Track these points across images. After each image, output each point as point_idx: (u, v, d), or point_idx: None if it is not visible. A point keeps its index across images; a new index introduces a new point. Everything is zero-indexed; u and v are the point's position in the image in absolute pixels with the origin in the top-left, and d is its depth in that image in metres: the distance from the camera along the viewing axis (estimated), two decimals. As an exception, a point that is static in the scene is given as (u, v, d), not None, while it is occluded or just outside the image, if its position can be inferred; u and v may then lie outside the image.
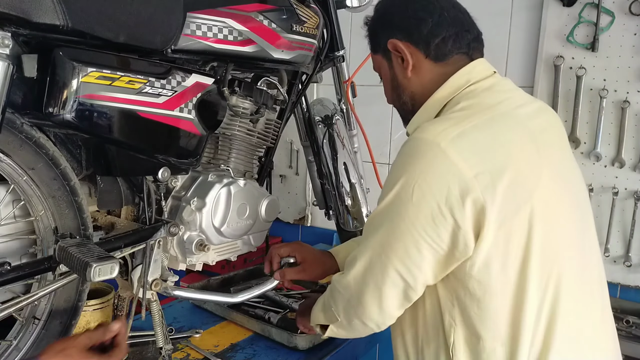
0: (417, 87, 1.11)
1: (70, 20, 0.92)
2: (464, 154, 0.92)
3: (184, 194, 1.32)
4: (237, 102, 1.35)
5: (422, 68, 1.09)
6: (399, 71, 1.12)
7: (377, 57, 1.18)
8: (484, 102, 1.02)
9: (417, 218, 0.93)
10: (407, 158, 0.97)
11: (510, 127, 0.99)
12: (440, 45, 1.07)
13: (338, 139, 1.74)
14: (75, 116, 0.99)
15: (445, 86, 1.07)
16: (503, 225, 0.92)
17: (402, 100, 1.14)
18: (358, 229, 1.80)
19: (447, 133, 0.94)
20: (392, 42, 1.10)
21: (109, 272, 0.96)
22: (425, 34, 1.07)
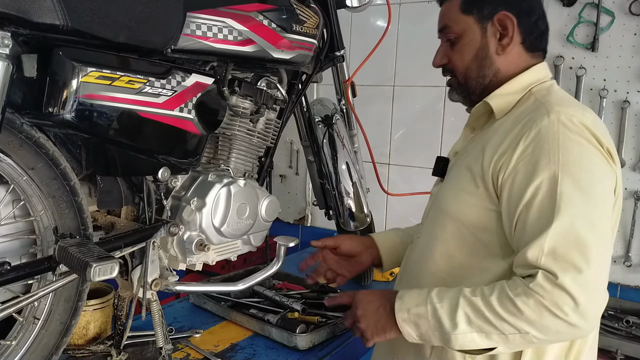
0: (503, 66, 1.15)
1: (70, 20, 0.92)
2: (605, 140, 1.03)
3: (184, 194, 1.32)
4: (237, 102, 1.35)
5: (513, 50, 1.14)
6: (492, 44, 1.14)
7: (467, 19, 1.15)
8: (574, 100, 1.14)
9: (604, 189, 1.02)
10: (564, 141, 1.00)
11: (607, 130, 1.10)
12: (537, 38, 1.16)
13: (338, 139, 1.74)
14: (75, 116, 0.98)
15: (529, 74, 1.14)
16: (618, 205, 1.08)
17: (483, 72, 1.16)
18: (358, 229, 1.81)
19: (586, 118, 1.02)
20: (504, 15, 1.12)
21: (109, 272, 0.96)
22: (532, 23, 1.14)
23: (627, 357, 1.85)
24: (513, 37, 1.12)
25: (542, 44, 1.17)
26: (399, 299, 1.09)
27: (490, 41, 1.14)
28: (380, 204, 2.52)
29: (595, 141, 1.01)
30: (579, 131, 1.00)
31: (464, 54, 1.17)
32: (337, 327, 1.55)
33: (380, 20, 2.51)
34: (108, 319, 1.48)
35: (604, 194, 1.01)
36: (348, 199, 1.77)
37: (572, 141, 1.00)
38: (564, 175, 0.98)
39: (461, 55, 1.17)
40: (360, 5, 1.72)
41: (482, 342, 1.00)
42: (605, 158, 1.02)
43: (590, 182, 0.99)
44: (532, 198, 1.00)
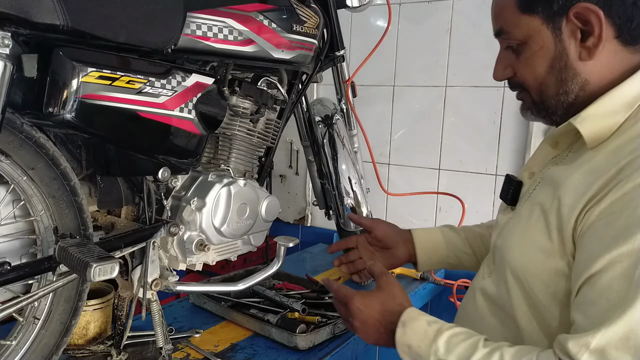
0: (594, 75, 0.85)
1: (70, 20, 0.92)
2: None
3: (184, 194, 1.32)
4: (237, 102, 1.35)
5: (605, 50, 0.84)
6: (572, 49, 0.85)
7: (532, 20, 0.87)
8: None
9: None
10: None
11: None
12: (638, 26, 0.82)
13: (338, 139, 1.74)
14: (75, 116, 0.98)
15: (636, 81, 0.83)
16: None
17: (565, 88, 0.87)
18: (358, 229, 1.81)
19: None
20: (585, 8, 0.82)
21: (109, 272, 0.96)
22: (629, 7, 0.81)
23: (627, 357, 1.84)
24: (602, 34, 0.82)
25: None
26: (401, 327, 0.92)
27: (569, 45, 0.85)
28: (380, 204, 2.52)
29: None
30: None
31: (534, 66, 0.89)
32: (337, 327, 1.55)
33: (380, 20, 2.51)
34: (108, 319, 1.48)
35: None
36: (348, 199, 1.77)
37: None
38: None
39: (531, 68, 0.90)
40: (361, 5, 1.72)
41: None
42: None
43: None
44: (601, 272, 0.75)
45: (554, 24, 0.85)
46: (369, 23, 2.51)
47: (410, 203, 2.46)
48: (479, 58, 2.20)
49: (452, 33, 2.30)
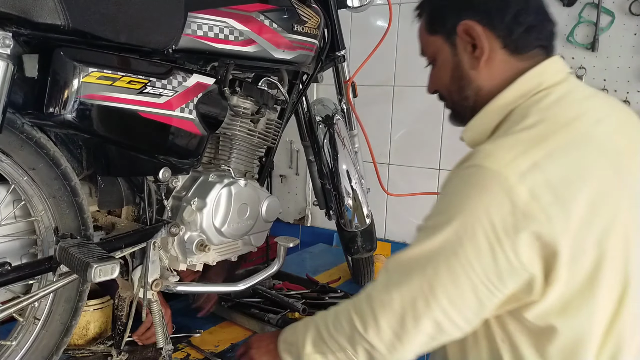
0: (485, 81, 0.95)
1: (71, 20, 0.92)
2: (536, 192, 0.79)
3: (184, 194, 1.32)
4: (238, 102, 1.35)
5: (495, 59, 0.93)
6: (465, 60, 0.96)
7: (436, 39, 1.00)
8: (557, 118, 0.87)
9: (479, 261, 0.81)
10: (467, 190, 0.83)
11: (588, 153, 0.86)
12: (523, 35, 0.92)
13: (338, 139, 1.74)
14: (76, 116, 0.98)
15: (512, 88, 0.92)
16: (572, 267, 0.82)
17: (464, 94, 0.98)
18: (358, 229, 1.80)
19: (517, 164, 0.80)
20: (466, 25, 0.93)
21: (110, 272, 0.96)
22: (509, 21, 0.92)
23: (627, 357, 1.84)
24: (485, 45, 0.92)
25: (535, 40, 0.93)
26: (282, 333, 1.09)
27: (464, 58, 0.96)
28: (380, 204, 2.52)
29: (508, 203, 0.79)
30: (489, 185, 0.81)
31: (441, 77, 1.01)
32: (338, 327, 1.55)
33: (381, 20, 2.50)
34: (108, 319, 1.48)
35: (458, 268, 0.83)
36: (348, 199, 1.77)
37: (478, 200, 0.82)
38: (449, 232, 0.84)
39: (440, 80, 1.02)
40: (361, 5, 1.71)
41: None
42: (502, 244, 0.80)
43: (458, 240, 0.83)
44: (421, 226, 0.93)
45: (451, 41, 0.97)
46: (369, 23, 2.51)
47: (410, 203, 2.45)
48: (479, 58, 2.19)
49: (452, 33, 2.29)
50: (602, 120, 0.91)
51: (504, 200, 0.79)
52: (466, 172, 0.85)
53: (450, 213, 0.84)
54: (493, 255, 0.80)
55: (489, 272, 0.82)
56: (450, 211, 0.85)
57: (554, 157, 0.82)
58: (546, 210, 0.79)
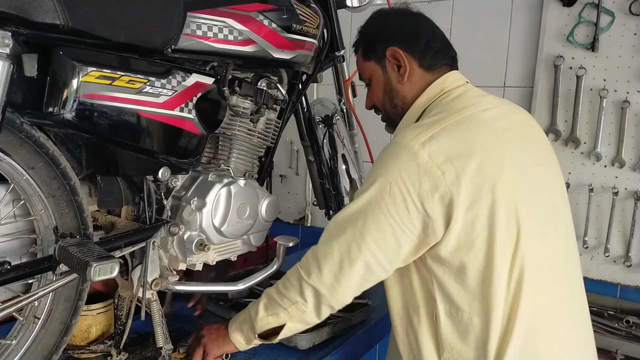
0: (408, 91, 1.28)
1: (70, 20, 0.92)
2: (433, 154, 1.08)
3: (184, 194, 1.32)
4: (237, 101, 1.35)
5: (414, 75, 1.27)
6: (393, 77, 1.29)
7: (370, 64, 1.32)
8: (453, 108, 1.19)
9: (395, 210, 1.10)
10: (386, 159, 1.13)
11: (474, 128, 1.15)
12: (433, 57, 1.27)
13: (338, 139, 1.74)
14: (75, 116, 0.98)
15: (424, 95, 1.26)
16: (469, 212, 1.08)
17: (394, 103, 1.30)
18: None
19: (419, 137, 1.10)
20: (392, 50, 1.27)
21: (109, 271, 0.96)
22: (422, 47, 1.26)
23: (627, 357, 1.85)
24: (407, 65, 1.25)
25: (441, 60, 1.28)
26: (232, 318, 1.33)
27: (391, 75, 1.29)
28: (380, 204, 2.52)
29: (413, 163, 1.08)
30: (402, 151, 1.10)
31: (376, 92, 1.33)
32: (337, 326, 1.55)
33: (381, 20, 2.50)
34: (110, 321, 1.48)
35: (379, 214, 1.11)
36: (348, 199, 1.77)
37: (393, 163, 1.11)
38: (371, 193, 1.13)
39: (376, 95, 1.33)
40: (361, 5, 1.72)
41: (274, 322, 1.24)
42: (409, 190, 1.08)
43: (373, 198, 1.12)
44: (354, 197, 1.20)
45: (382, 63, 1.30)
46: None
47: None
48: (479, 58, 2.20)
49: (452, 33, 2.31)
50: (489, 109, 1.20)
51: (411, 162, 1.08)
52: (386, 148, 1.16)
53: (373, 177, 1.13)
54: (405, 204, 1.09)
55: (403, 218, 1.10)
56: (373, 176, 1.13)
57: (446, 131, 1.11)
58: (441, 167, 1.07)
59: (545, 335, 1.13)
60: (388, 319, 1.74)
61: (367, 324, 1.66)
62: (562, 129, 2.22)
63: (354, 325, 1.62)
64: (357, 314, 1.63)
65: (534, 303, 1.12)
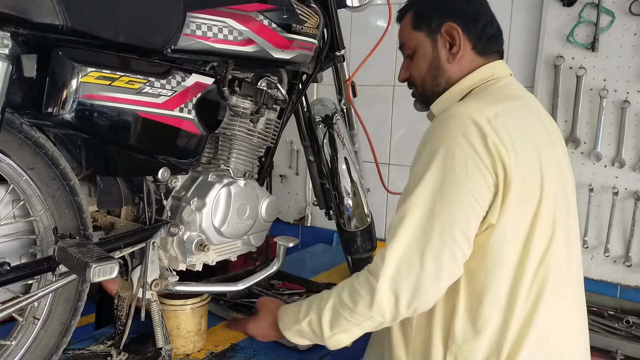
0: (455, 72, 1.20)
1: (69, 20, 0.92)
2: (498, 132, 1.03)
3: (184, 194, 1.32)
4: (237, 102, 1.35)
5: (465, 57, 1.19)
6: (442, 54, 1.20)
7: (418, 35, 1.22)
8: (510, 94, 1.16)
9: (471, 180, 1.02)
10: (444, 130, 1.05)
11: (533, 119, 1.14)
12: (487, 42, 1.21)
13: (338, 139, 1.74)
14: (74, 116, 0.98)
15: (474, 74, 1.19)
16: (521, 203, 1.04)
17: (437, 81, 1.22)
18: (358, 229, 1.80)
19: (483, 112, 1.05)
20: (449, 26, 1.18)
21: (109, 272, 0.96)
22: (479, 29, 1.19)
23: (627, 357, 1.84)
24: (461, 45, 1.18)
25: (494, 46, 1.23)
26: (280, 320, 1.22)
27: (441, 52, 1.20)
28: (380, 204, 2.52)
29: (477, 133, 1.03)
30: (462, 123, 1.04)
31: (419, 66, 1.24)
32: (337, 327, 1.54)
33: (380, 20, 2.50)
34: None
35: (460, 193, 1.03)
36: (348, 199, 1.77)
37: (451, 133, 1.05)
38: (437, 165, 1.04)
39: (418, 69, 1.24)
40: (361, 5, 1.71)
41: (346, 339, 1.15)
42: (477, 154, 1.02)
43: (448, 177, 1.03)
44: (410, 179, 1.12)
45: (433, 37, 1.21)
46: (369, 23, 2.51)
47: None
48: (479, 58, 2.19)
49: (452, 33, 2.29)
50: (538, 105, 1.20)
51: (476, 133, 1.02)
52: (443, 117, 1.08)
53: (431, 148, 1.05)
54: (480, 172, 1.02)
55: (479, 188, 1.02)
56: (430, 148, 1.05)
57: (509, 112, 1.08)
58: (505, 146, 1.02)
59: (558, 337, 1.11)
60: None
61: (367, 324, 1.65)
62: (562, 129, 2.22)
63: (354, 326, 1.61)
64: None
65: (552, 305, 1.09)
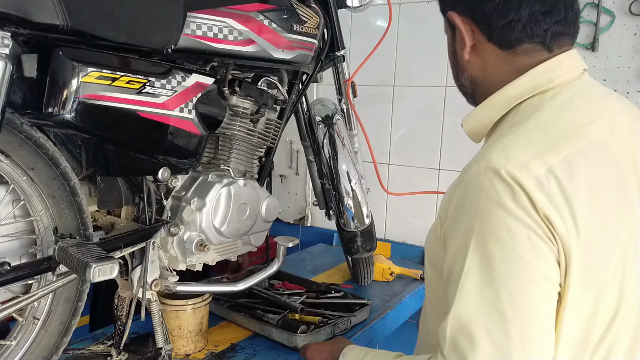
0: (478, 71, 0.94)
1: (70, 20, 0.92)
2: (552, 199, 0.76)
3: (184, 194, 1.32)
4: (237, 102, 1.35)
5: (484, 52, 0.91)
6: (458, 49, 0.95)
7: (445, 23, 0.99)
8: (572, 120, 0.84)
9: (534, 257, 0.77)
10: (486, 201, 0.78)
11: (601, 165, 0.83)
12: (505, 28, 0.87)
13: (338, 139, 1.74)
14: (75, 116, 0.98)
15: (520, 81, 0.87)
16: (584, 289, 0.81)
17: (461, 81, 0.99)
18: (358, 229, 1.81)
19: (531, 169, 0.77)
20: (451, 15, 0.93)
21: (109, 272, 0.96)
22: (488, 12, 0.87)
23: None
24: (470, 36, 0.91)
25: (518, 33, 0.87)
26: (342, 357, 1.08)
27: (457, 46, 0.95)
28: (380, 204, 2.52)
29: (528, 204, 0.76)
30: (504, 192, 0.76)
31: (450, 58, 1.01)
32: (337, 327, 1.55)
33: (380, 20, 2.50)
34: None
35: (524, 273, 0.77)
36: (348, 199, 1.77)
37: (491, 205, 0.77)
38: (475, 247, 0.79)
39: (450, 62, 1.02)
40: (361, 5, 1.71)
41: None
42: (531, 229, 0.76)
43: (504, 259, 0.77)
44: (451, 265, 0.83)
45: (450, 27, 0.96)
46: (369, 23, 2.51)
47: (410, 203, 2.45)
48: (479, 58, 2.19)
49: (452, 33, 2.29)
50: (615, 124, 0.87)
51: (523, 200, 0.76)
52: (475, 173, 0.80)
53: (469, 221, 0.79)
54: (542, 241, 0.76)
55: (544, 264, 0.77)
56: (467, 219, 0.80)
57: (567, 164, 0.79)
58: (564, 218, 0.76)
59: None
60: (388, 318, 1.75)
61: (367, 324, 1.65)
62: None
63: (354, 326, 1.61)
64: (357, 313, 1.63)
65: None
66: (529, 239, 0.76)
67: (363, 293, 1.90)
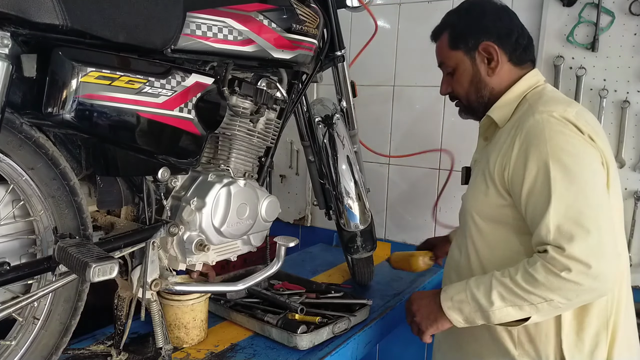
0: (496, 83, 1.38)
1: (69, 20, 0.92)
2: (587, 127, 1.21)
3: (183, 194, 1.32)
4: (237, 101, 1.35)
5: (503, 69, 1.37)
6: (482, 69, 1.37)
7: (457, 54, 1.39)
8: (562, 97, 1.35)
9: (591, 167, 1.19)
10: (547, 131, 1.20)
11: (595, 118, 1.31)
12: (522, 53, 1.37)
13: (338, 139, 1.74)
14: (74, 116, 0.98)
15: (522, 83, 1.37)
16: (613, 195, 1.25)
17: (481, 94, 1.39)
18: (358, 229, 1.80)
19: (568, 112, 1.22)
20: (486, 44, 1.35)
21: (109, 272, 0.96)
22: (513, 42, 1.36)
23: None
24: (499, 59, 1.35)
25: (528, 55, 1.39)
26: (443, 292, 1.31)
27: (480, 67, 1.37)
28: (380, 204, 2.52)
29: (576, 129, 1.20)
30: (561, 123, 1.20)
31: (462, 82, 1.40)
32: (337, 327, 1.55)
33: (380, 20, 2.50)
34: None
35: (592, 170, 1.19)
36: (348, 199, 1.77)
37: (556, 132, 1.20)
38: (554, 162, 1.17)
39: (460, 84, 1.41)
40: (361, 5, 1.71)
41: (516, 314, 1.20)
42: (586, 141, 1.20)
43: (577, 163, 1.17)
44: (533, 186, 1.20)
45: (471, 55, 1.38)
46: (369, 23, 2.51)
47: (410, 203, 2.46)
48: (479, 58, 2.18)
49: (452, 33, 2.28)
50: None
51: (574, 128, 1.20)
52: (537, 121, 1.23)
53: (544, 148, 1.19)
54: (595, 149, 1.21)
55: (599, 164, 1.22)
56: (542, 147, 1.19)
57: (584, 112, 1.27)
58: (595, 139, 1.21)
59: None
60: (388, 319, 1.75)
61: (367, 324, 1.66)
62: (562, 129, 2.22)
63: (354, 326, 1.62)
64: (357, 313, 1.63)
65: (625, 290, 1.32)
66: (586, 147, 1.19)
67: (363, 293, 1.90)
